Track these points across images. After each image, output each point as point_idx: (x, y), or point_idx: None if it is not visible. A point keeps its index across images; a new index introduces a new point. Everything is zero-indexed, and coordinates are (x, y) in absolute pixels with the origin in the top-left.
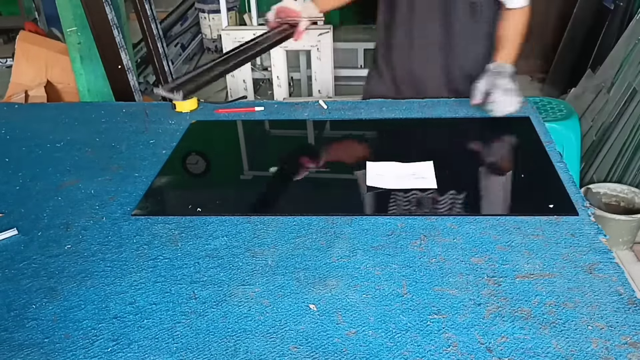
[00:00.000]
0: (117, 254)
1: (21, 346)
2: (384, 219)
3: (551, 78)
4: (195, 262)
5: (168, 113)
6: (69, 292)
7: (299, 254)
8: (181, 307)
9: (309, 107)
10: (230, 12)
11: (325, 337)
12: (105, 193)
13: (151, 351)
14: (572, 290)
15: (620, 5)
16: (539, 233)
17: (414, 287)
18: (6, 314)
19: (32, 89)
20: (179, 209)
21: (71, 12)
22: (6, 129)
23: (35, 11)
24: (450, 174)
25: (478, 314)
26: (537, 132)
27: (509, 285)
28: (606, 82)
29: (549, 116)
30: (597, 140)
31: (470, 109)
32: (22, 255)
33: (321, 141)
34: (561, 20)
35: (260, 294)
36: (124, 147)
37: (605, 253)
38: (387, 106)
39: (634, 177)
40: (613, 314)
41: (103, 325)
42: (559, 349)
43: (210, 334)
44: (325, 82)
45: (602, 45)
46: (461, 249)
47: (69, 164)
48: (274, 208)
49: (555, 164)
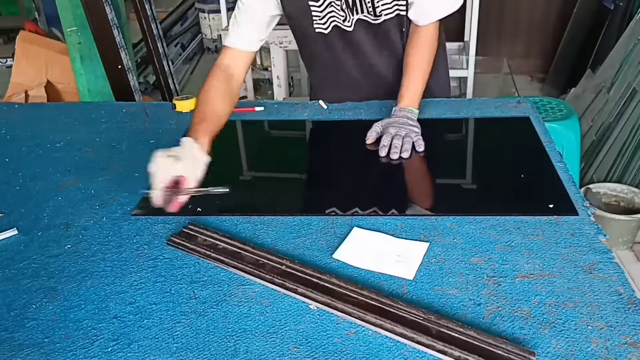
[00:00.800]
0: (117, 254)
1: (21, 346)
2: (384, 219)
3: (551, 78)
4: (195, 262)
5: (168, 113)
6: (69, 292)
7: (299, 254)
8: (181, 307)
9: (309, 107)
10: (230, 12)
11: (325, 337)
12: (105, 193)
13: (151, 351)
14: (572, 290)
15: (620, 5)
16: (538, 233)
17: (414, 287)
18: (6, 314)
19: (32, 89)
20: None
21: (71, 12)
22: (6, 129)
23: (35, 11)
24: (450, 173)
25: (478, 314)
26: (537, 132)
27: (509, 285)
28: (606, 82)
29: (549, 116)
30: (597, 140)
31: (470, 108)
32: (22, 255)
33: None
34: (561, 20)
35: (260, 294)
36: (124, 147)
37: (605, 253)
38: (387, 106)
39: (634, 177)
40: (613, 314)
41: (103, 325)
42: (559, 349)
43: (210, 334)
44: None
45: (602, 45)
46: (461, 249)
47: (69, 164)
48: (274, 208)
49: (555, 164)
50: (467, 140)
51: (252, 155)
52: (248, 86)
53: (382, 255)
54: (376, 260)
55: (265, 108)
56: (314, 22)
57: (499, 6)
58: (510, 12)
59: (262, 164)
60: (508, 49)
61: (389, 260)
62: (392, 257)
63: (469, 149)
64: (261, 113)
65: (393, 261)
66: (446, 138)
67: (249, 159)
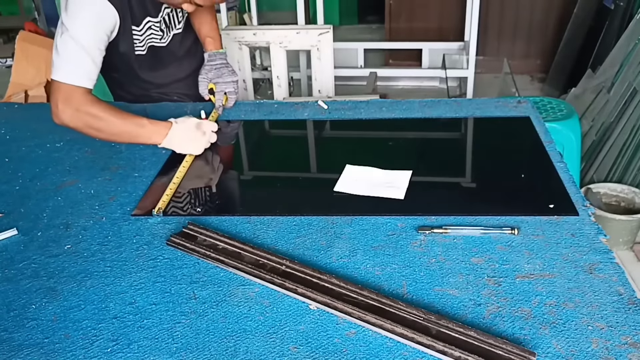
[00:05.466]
0: (117, 254)
1: (21, 346)
2: (384, 219)
3: (551, 78)
4: (195, 262)
5: (168, 113)
6: (68, 292)
7: (299, 254)
8: (181, 307)
9: (309, 107)
10: (230, 11)
11: (325, 337)
12: (105, 193)
13: (151, 351)
14: (572, 290)
15: (620, 5)
16: (539, 233)
17: (414, 287)
18: (6, 314)
19: (32, 89)
20: (178, 209)
21: None
22: (6, 129)
23: (35, 11)
24: (451, 173)
25: (478, 314)
26: (537, 132)
27: (509, 285)
28: (606, 82)
29: (549, 116)
30: (597, 140)
31: (470, 108)
32: (22, 255)
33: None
34: (561, 20)
35: (260, 294)
36: (123, 147)
37: (605, 253)
38: (387, 106)
39: (634, 177)
40: (613, 314)
41: (103, 325)
42: (559, 349)
43: (210, 334)
44: (325, 82)
45: (602, 45)
46: (461, 249)
47: (69, 164)
48: (274, 208)
49: (555, 164)
50: (467, 140)
51: (253, 155)
52: (248, 86)
53: (374, 183)
54: (370, 187)
55: (265, 108)
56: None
57: (499, 6)
58: (510, 12)
59: (263, 164)
60: (508, 49)
61: (381, 187)
62: (383, 184)
63: (469, 149)
64: (261, 113)
65: (384, 187)
66: (446, 138)
67: (249, 158)
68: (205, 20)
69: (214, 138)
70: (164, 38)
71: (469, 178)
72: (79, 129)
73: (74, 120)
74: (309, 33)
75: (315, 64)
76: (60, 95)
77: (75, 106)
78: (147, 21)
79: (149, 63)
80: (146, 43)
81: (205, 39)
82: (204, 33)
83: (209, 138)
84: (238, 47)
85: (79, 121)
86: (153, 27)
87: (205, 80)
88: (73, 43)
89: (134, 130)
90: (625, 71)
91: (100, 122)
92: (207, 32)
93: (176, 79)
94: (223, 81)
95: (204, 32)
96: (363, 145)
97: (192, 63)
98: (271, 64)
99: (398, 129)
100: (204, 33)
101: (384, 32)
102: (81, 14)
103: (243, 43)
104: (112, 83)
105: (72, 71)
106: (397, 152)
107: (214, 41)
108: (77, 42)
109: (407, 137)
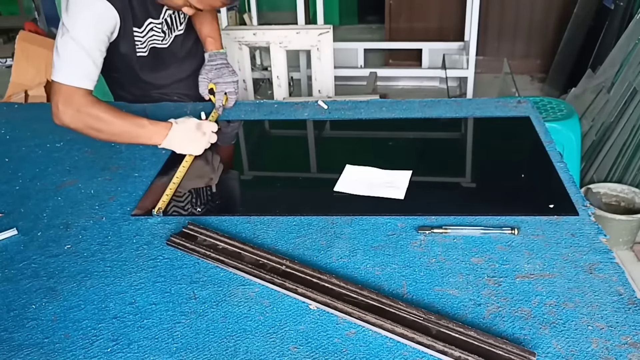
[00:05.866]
0: (117, 254)
1: (21, 346)
2: (384, 219)
3: (551, 78)
4: (195, 262)
5: (168, 113)
6: (68, 292)
7: (299, 254)
8: (181, 307)
9: (309, 107)
10: (230, 11)
11: (325, 337)
12: (105, 193)
13: (151, 351)
14: (572, 290)
15: (620, 5)
16: (539, 233)
17: (414, 287)
18: (6, 314)
19: (32, 88)
20: (179, 209)
21: None
22: (6, 129)
23: (35, 11)
24: (451, 173)
25: (478, 314)
26: (537, 132)
27: (509, 285)
28: (606, 82)
29: (549, 116)
30: (597, 140)
31: (470, 108)
32: (22, 255)
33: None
34: (561, 20)
35: (260, 294)
36: (123, 147)
37: (605, 253)
38: (387, 106)
39: (634, 177)
40: (613, 314)
41: (103, 325)
42: (559, 349)
43: (210, 334)
44: (325, 82)
45: (602, 45)
46: (461, 249)
47: (69, 164)
48: (274, 208)
49: (555, 164)
50: (467, 140)
51: (253, 155)
52: (248, 86)
53: (374, 183)
54: (370, 187)
55: (265, 108)
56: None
57: (499, 6)
58: (510, 12)
59: (263, 164)
60: (508, 49)
61: (381, 187)
62: (383, 184)
63: (469, 149)
64: (261, 113)
65: (384, 187)
66: (446, 138)
67: (249, 158)
68: (206, 20)
69: (214, 138)
70: (165, 39)
71: (469, 178)
72: (80, 129)
73: (74, 121)
74: (309, 33)
75: (315, 64)
76: (61, 97)
77: (76, 107)
78: (148, 22)
79: (150, 64)
80: (148, 44)
81: (206, 39)
82: (204, 33)
83: (209, 138)
84: (238, 47)
85: (80, 122)
86: (155, 29)
87: (205, 80)
88: (74, 44)
89: (134, 130)
90: (625, 71)
91: (100, 123)
92: (208, 32)
93: (177, 80)
94: (223, 81)
95: (204, 32)
96: (363, 145)
97: (193, 63)
98: (271, 64)
99: (398, 129)
100: (204, 33)
101: (384, 32)
102: (82, 15)
103: (243, 43)
104: (113, 83)
105: (73, 72)
106: (397, 152)
107: (215, 41)
108: (77, 43)
109: (407, 137)
